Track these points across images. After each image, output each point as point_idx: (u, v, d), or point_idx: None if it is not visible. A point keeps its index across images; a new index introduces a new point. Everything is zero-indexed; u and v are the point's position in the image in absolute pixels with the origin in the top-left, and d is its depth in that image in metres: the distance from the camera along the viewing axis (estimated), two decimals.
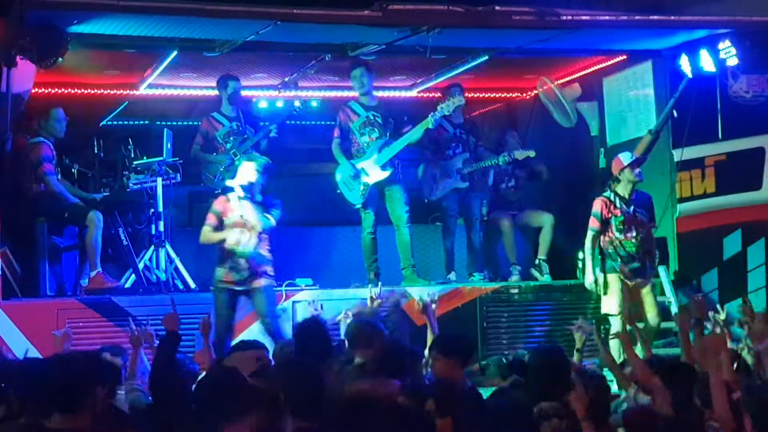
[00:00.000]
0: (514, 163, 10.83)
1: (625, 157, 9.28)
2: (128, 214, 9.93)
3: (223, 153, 10.27)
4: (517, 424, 4.68)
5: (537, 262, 10.80)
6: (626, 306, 9.02)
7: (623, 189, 9.22)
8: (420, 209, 10.85)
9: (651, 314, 9.14)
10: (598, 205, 9.21)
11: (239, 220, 8.64)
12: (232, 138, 10.29)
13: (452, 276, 10.57)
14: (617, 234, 9.14)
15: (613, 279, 9.16)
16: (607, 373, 6.91)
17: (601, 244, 9.22)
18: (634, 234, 9.13)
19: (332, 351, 6.61)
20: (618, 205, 9.16)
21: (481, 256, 10.82)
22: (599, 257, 9.23)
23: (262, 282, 8.66)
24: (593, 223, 9.22)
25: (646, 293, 9.23)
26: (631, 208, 9.15)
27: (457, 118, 10.80)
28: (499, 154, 10.82)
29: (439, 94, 11.06)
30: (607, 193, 9.25)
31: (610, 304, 9.09)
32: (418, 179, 10.84)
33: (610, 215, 9.17)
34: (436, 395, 4.98)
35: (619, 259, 9.14)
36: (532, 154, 10.73)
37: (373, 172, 10.06)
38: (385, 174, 10.03)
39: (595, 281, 9.20)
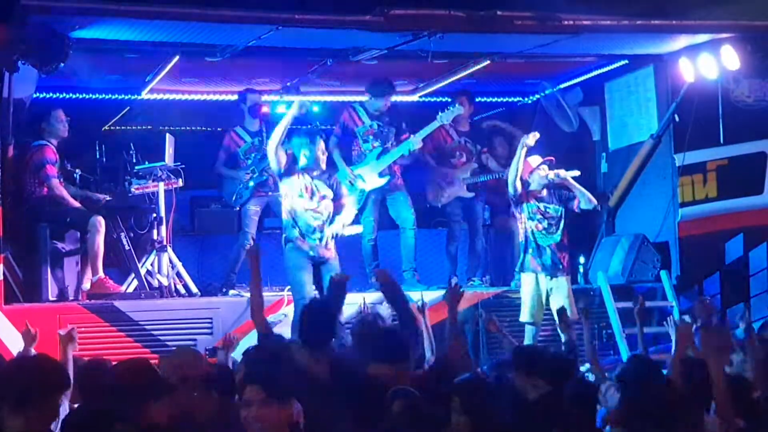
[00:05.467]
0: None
1: (533, 161, 9.40)
2: (130, 218, 9.90)
3: (243, 169, 10.26)
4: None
5: None
6: (538, 309, 9.05)
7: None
8: (424, 214, 10.84)
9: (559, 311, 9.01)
10: None
11: None
12: (252, 154, 10.29)
13: (454, 281, 10.54)
14: (528, 221, 9.26)
15: (526, 278, 9.26)
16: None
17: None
18: (545, 225, 9.22)
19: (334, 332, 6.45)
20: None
21: (484, 260, 10.79)
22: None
23: None
24: None
25: (555, 290, 9.16)
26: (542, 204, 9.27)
27: (463, 126, 10.78)
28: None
29: (442, 99, 11.06)
30: None
31: (522, 310, 9.12)
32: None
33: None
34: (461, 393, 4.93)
35: (531, 251, 9.24)
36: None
37: (371, 179, 10.05)
38: (382, 181, 10.03)
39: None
